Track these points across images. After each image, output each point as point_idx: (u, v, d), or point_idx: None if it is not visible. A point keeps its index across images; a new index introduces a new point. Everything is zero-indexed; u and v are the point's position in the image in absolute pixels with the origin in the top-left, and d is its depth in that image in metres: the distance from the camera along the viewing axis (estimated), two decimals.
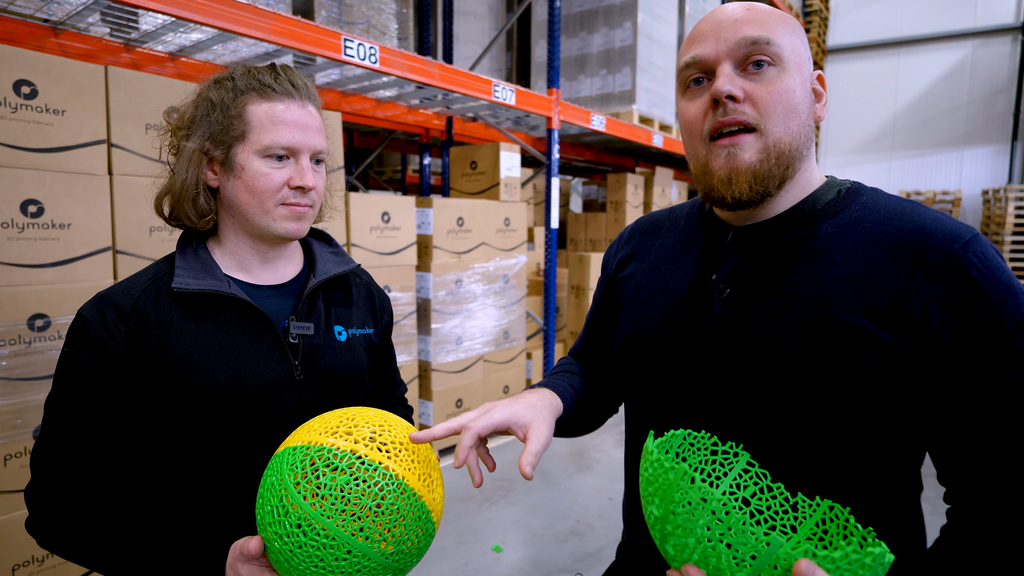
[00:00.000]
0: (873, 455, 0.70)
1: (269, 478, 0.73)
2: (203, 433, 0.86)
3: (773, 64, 0.72)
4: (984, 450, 0.64)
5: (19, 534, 1.86)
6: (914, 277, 0.66)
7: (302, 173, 0.89)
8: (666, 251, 0.88)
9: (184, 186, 0.89)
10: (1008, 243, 8.01)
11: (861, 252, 0.70)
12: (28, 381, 1.88)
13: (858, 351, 0.67)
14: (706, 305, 0.78)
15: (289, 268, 0.98)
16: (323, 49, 2.56)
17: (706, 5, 5.91)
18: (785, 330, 0.71)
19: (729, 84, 0.71)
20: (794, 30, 0.75)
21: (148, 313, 0.86)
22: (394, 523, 0.71)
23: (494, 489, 3.32)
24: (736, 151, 0.72)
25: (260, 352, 0.89)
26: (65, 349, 0.86)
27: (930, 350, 0.65)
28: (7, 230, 1.83)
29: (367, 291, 1.09)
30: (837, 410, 0.68)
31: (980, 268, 0.65)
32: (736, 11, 0.74)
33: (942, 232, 0.68)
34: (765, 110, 0.72)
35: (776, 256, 0.75)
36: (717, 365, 0.75)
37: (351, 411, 0.78)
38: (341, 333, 0.99)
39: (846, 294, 0.69)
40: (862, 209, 0.74)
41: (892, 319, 0.66)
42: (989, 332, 0.63)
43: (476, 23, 4.93)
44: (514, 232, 4.13)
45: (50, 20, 2.51)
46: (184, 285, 0.86)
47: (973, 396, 0.64)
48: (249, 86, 0.88)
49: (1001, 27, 8.91)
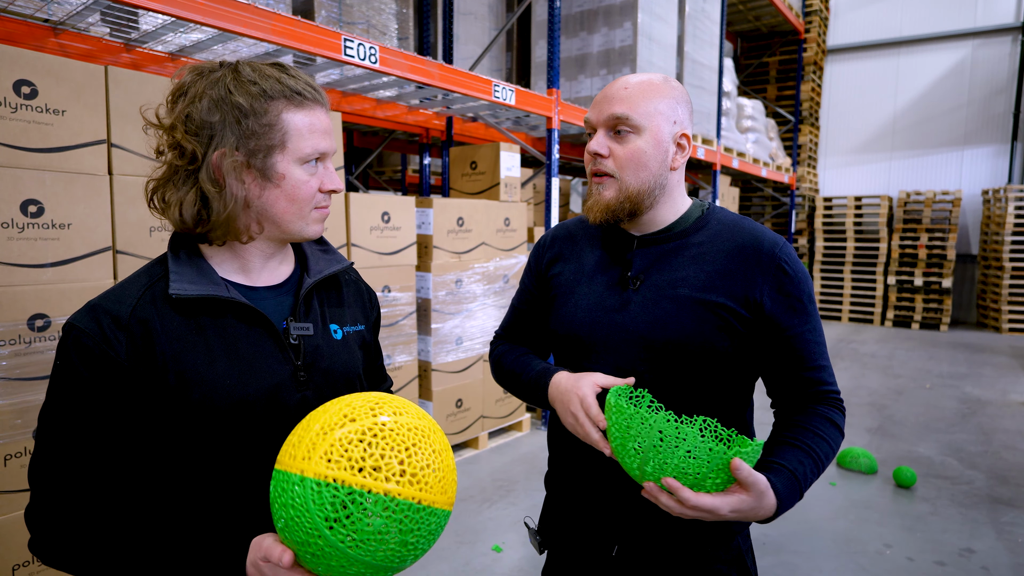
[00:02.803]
0: (731, 384, 1.08)
1: (291, 507, 0.72)
2: (209, 438, 0.86)
3: (632, 132, 1.03)
4: (794, 368, 1.05)
5: (19, 534, 1.86)
6: (754, 271, 1.03)
7: (332, 177, 0.92)
8: (587, 255, 1.17)
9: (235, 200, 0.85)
10: (1008, 243, 7.98)
11: (722, 255, 1.05)
12: (28, 381, 1.88)
13: (725, 320, 1.02)
14: (625, 293, 1.09)
15: (283, 268, 0.98)
16: (323, 49, 2.56)
17: (706, 5, 5.91)
18: (679, 306, 1.04)
19: (596, 145, 1.05)
20: (661, 96, 1.04)
21: (150, 321, 0.84)
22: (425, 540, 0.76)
23: (494, 489, 3.32)
24: (600, 188, 1.07)
25: (262, 355, 0.89)
26: (58, 362, 0.82)
27: (762, 316, 1.03)
28: (7, 230, 1.83)
29: (356, 288, 1.09)
30: (711, 356, 1.03)
31: (789, 263, 1.04)
32: (617, 89, 1.05)
33: (766, 240, 1.05)
34: (621, 165, 1.04)
35: (667, 258, 1.08)
36: (636, 333, 1.06)
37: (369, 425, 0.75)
38: (337, 332, 1.00)
39: (716, 284, 1.04)
40: (718, 224, 1.10)
41: (744, 299, 1.03)
42: (793, 303, 1.03)
43: (476, 23, 4.93)
44: (514, 232, 4.13)
45: (50, 20, 2.51)
46: (182, 291, 0.85)
47: (787, 339, 1.03)
48: (278, 92, 0.86)
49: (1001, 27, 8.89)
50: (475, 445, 3.91)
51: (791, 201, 8.96)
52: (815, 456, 0.99)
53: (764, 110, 8.50)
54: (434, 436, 0.78)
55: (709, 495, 0.85)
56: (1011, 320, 8.14)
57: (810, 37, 9.37)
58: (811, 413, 1.04)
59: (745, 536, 1.16)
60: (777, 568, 2.60)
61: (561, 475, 1.20)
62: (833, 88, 10.16)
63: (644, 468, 0.87)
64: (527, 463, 3.70)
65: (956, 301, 9.24)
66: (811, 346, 1.04)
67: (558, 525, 1.22)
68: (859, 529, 2.94)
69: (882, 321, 9.03)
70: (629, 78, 1.06)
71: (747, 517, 0.88)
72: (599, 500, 1.12)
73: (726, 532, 1.10)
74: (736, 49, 9.95)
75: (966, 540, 2.82)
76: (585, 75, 5.06)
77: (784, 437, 1.02)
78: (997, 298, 8.22)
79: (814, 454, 0.99)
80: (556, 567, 1.22)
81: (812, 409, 1.05)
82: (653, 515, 1.06)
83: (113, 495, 0.83)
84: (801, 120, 9.64)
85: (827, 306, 9.46)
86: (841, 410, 1.07)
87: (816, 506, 3.15)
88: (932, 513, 3.09)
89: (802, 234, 9.84)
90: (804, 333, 1.04)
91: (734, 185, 9.08)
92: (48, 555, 0.83)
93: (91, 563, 0.81)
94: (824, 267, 9.48)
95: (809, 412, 1.04)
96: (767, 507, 0.88)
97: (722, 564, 1.10)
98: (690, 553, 1.09)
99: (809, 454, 0.99)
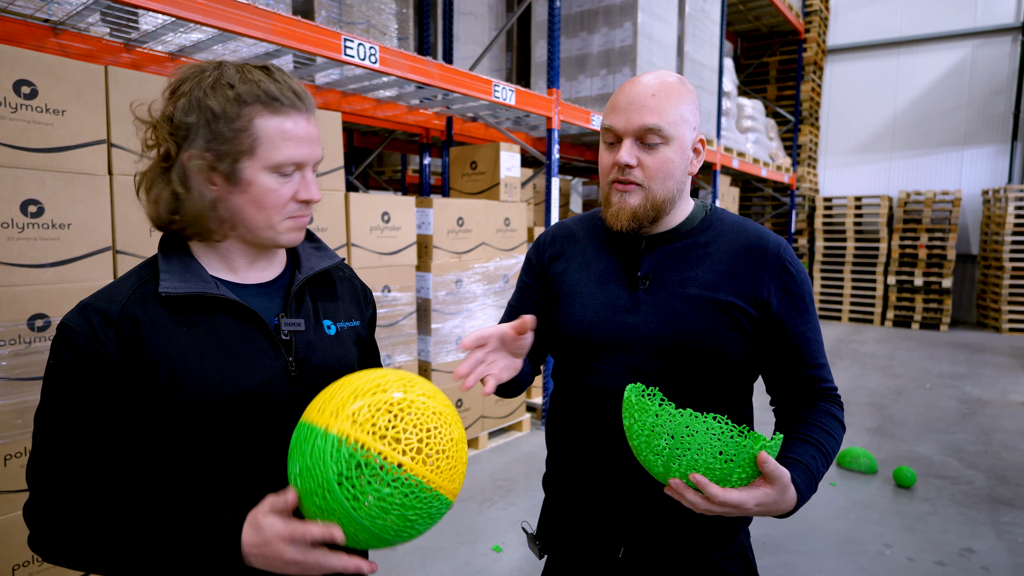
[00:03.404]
0: (736, 382, 1.09)
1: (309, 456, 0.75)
2: (202, 434, 0.86)
3: (662, 142, 1.02)
4: (796, 366, 1.07)
5: (19, 534, 1.86)
6: (760, 271, 1.06)
7: (308, 187, 0.88)
8: (592, 254, 1.16)
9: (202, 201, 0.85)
10: (1008, 243, 7.98)
11: (729, 254, 1.07)
12: (28, 381, 1.88)
13: (735, 318, 1.04)
14: (635, 294, 1.09)
15: (273, 266, 0.98)
16: (323, 49, 2.56)
17: (706, 5, 5.91)
18: (689, 306, 1.04)
19: (628, 156, 1.02)
20: (683, 101, 1.03)
21: (138, 318, 0.84)
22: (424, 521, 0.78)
23: (494, 489, 3.32)
24: (626, 196, 1.05)
25: (254, 351, 0.89)
26: (51, 361, 0.83)
27: (768, 313, 1.05)
28: (7, 230, 1.83)
29: (351, 284, 1.09)
30: (722, 355, 1.04)
31: (792, 263, 1.07)
32: (643, 96, 1.02)
33: (771, 241, 1.08)
34: (651, 175, 1.03)
35: (675, 258, 1.09)
36: (647, 333, 1.06)
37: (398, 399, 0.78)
38: (330, 327, 1.00)
39: (724, 283, 1.05)
40: (722, 224, 1.11)
41: (752, 298, 1.05)
42: (797, 302, 1.06)
43: (476, 23, 4.92)
44: (514, 232, 4.13)
45: (50, 20, 2.51)
46: (172, 289, 0.85)
47: (790, 337, 1.06)
48: (254, 96, 0.84)
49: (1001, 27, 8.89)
50: (475, 445, 3.92)
51: (791, 201, 8.96)
52: (824, 451, 1.01)
53: (764, 110, 8.50)
54: (455, 426, 0.81)
55: (736, 490, 0.85)
56: (1011, 320, 8.14)
57: (810, 37, 9.37)
58: (815, 409, 1.06)
59: (747, 533, 1.16)
60: (777, 568, 2.60)
61: (562, 476, 1.19)
62: (833, 88, 10.16)
63: (670, 465, 0.86)
64: (527, 463, 3.70)
65: (956, 301, 9.24)
66: (812, 345, 1.07)
67: (559, 528, 1.20)
68: (859, 529, 2.94)
69: (882, 321, 9.03)
70: (649, 82, 1.03)
71: (770, 511, 0.89)
72: (603, 501, 1.10)
73: (730, 528, 1.10)
74: (736, 49, 9.95)
75: (966, 540, 2.82)
76: (585, 75, 5.06)
77: (793, 433, 1.03)
78: (997, 298, 8.22)
79: (824, 448, 1.01)
80: (558, 571, 1.21)
81: (815, 405, 1.06)
82: (660, 514, 1.06)
83: (109, 489, 0.84)
84: (801, 120, 9.64)
85: (827, 306, 9.46)
86: (840, 406, 1.09)
87: (816, 506, 3.15)
88: (932, 513, 3.09)
89: (802, 234, 9.84)
90: (806, 332, 1.06)
91: (734, 185, 9.07)
92: (47, 550, 0.83)
93: (89, 555, 0.81)
94: (824, 267, 9.47)
95: (813, 408, 1.06)
96: (789, 500, 0.88)
97: (728, 561, 1.10)
98: (696, 551, 1.09)
99: (820, 449, 1.00)
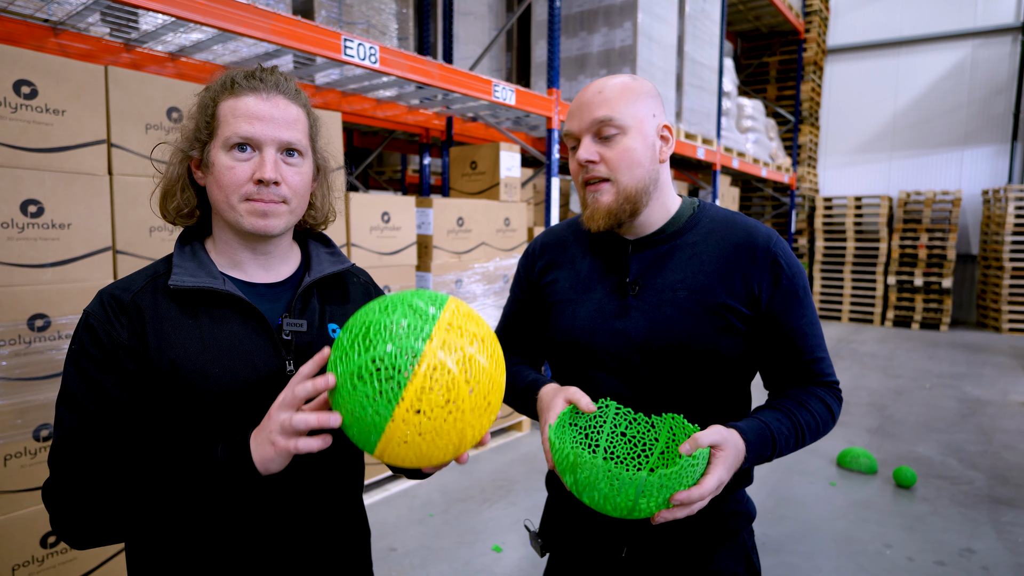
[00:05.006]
0: (731, 383, 1.09)
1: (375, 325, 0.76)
2: (199, 426, 0.87)
3: (619, 132, 1.02)
4: (793, 360, 1.07)
5: (19, 534, 1.86)
6: (751, 267, 1.04)
7: (262, 165, 0.88)
8: (580, 261, 1.16)
9: (169, 184, 0.94)
10: (1008, 243, 7.98)
11: (718, 253, 1.06)
12: (28, 381, 1.88)
13: (727, 319, 1.03)
14: (625, 299, 1.08)
15: (284, 267, 1.00)
16: (323, 49, 2.56)
17: (706, 5, 5.91)
18: (680, 310, 1.04)
19: (586, 153, 1.04)
20: (637, 98, 1.04)
21: (144, 308, 0.88)
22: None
23: (494, 489, 3.32)
24: (598, 195, 1.05)
25: (254, 349, 0.91)
26: (73, 346, 0.88)
27: (760, 309, 1.04)
28: (7, 230, 1.83)
29: (364, 290, 1.09)
30: (715, 357, 1.03)
31: (782, 256, 1.06)
32: (591, 95, 1.04)
33: (760, 235, 1.07)
34: (614, 167, 1.03)
35: (663, 260, 1.08)
36: (638, 339, 1.06)
37: (472, 340, 0.78)
38: (335, 331, 1.00)
39: (714, 283, 1.04)
40: (711, 221, 1.10)
41: (743, 296, 1.04)
42: (791, 296, 1.05)
43: (476, 23, 4.92)
44: (514, 232, 4.13)
45: (50, 20, 2.51)
46: (180, 282, 0.89)
47: (785, 332, 1.05)
48: (224, 86, 0.90)
49: (1001, 27, 8.89)
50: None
51: (791, 201, 8.96)
52: (794, 420, 1.02)
53: (764, 110, 8.50)
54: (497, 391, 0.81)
55: (706, 477, 0.89)
56: (1011, 320, 8.14)
57: (810, 37, 9.37)
58: (803, 391, 1.07)
59: (750, 532, 1.16)
60: (777, 568, 2.60)
61: None
62: (833, 88, 10.16)
63: (639, 506, 0.86)
64: (527, 463, 3.70)
65: (956, 301, 9.24)
66: (809, 339, 1.06)
67: (562, 527, 1.20)
68: (859, 529, 2.94)
69: (882, 321, 9.03)
70: (598, 83, 1.06)
71: (739, 465, 0.93)
72: None
73: (733, 527, 1.11)
74: (736, 49, 9.95)
75: (966, 540, 2.82)
76: (585, 75, 5.06)
77: (766, 404, 1.06)
78: (997, 298, 8.22)
79: (793, 417, 1.02)
80: (560, 570, 1.21)
81: (807, 389, 1.07)
82: None
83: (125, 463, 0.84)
84: (801, 120, 9.64)
85: (827, 306, 9.46)
86: (837, 398, 1.09)
87: (816, 506, 3.15)
88: (932, 513, 3.09)
89: (802, 234, 9.84)
90: (802, 326, 1.06)
91: (734, 185, 9.07)
92: (69, 526, 0.83)
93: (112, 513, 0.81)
94: (824, 267, 9.47)
95: (802, 390, 1.07)
96: (741, 448, 0.93)
97: (729, 560, 1.11)
98: (698, 551, 1.09)
99: (787, 415, 1.02)
